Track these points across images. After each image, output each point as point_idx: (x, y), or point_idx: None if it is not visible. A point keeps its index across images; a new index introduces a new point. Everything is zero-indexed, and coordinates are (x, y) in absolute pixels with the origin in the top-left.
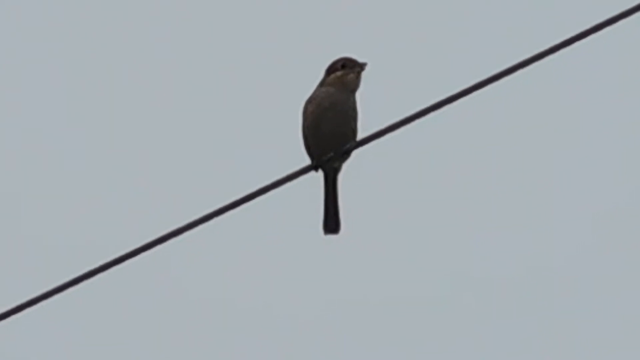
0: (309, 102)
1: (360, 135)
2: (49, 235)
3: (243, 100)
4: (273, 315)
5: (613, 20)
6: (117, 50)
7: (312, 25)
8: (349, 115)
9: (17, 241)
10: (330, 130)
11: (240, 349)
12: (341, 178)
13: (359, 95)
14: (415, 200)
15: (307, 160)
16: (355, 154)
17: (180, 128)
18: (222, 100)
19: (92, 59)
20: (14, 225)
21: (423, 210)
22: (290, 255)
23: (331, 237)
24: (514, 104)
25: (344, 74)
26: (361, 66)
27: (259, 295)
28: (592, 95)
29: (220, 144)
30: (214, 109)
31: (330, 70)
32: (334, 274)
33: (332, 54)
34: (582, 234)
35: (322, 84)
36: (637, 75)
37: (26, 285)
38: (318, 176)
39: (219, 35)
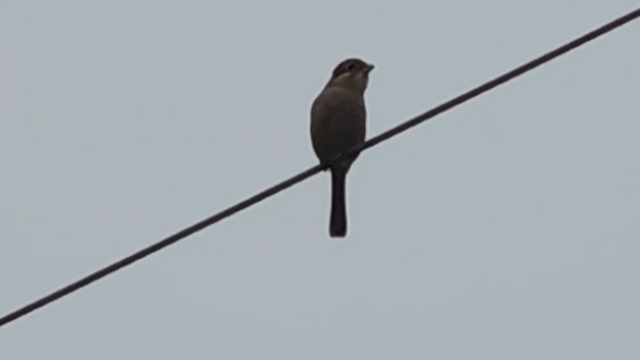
0: (316, 102)
1: (369, 135)
2: (42, 243)
3: (250, 100)
4: (275, 321)
5: (618, 22)
6: (128, 51)
7: (321, 26)
8: (357, 115)
9: (12, 249)
10: (338, 130)
11: (243, 354)
12: (349, 179)
13: (367, 95)
14: (423, 203)
15: (315, 161)
16: (363, 154)
17: (187, 129)
18: (229, 101)
19: (91, 59)
20: (8, 232)
21: (431, 213)
22: (295, 259)
23: (337, 240)
24: (526, 105)
25: (352, 75)
26: (368, 67)
27: (260, 300)
28: (603, 98)
29: (227, 146)
30: (221, 110)
31: (338, 71)
32: (339, 278)
33: (340, 55)
34: (587, 243)
35: (329, 84)
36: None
37: (18, 292)
38: (325, 177)
39: (228, 35)
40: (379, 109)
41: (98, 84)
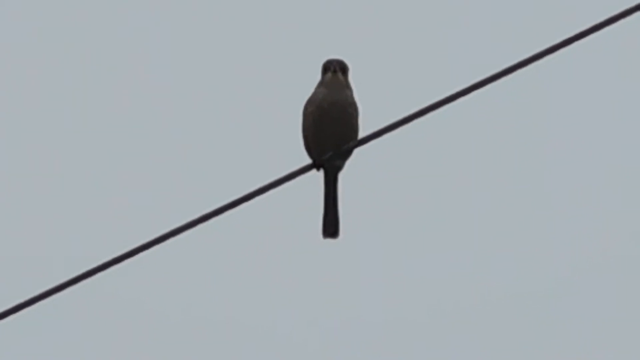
0: (308, 103)
1: (362, 133)
2: (32, 243)
3: (243, 99)
4: (267, 322)
5: (613, 19)
6: (115, 50)
7: (314, 23)
8: (349, 114)
9: None
10: (331, 130)
11: (234, 355)
12: (341, 179)
13: (360, 93)
14: (417, 202)
15: (307, 160)
16: (356, 154)
17: (180, 128)
18: (221, 100)
19: (85, 57)
20: None
21: (425, 213)
22: (287, 259)
23: (330, 241)
24: (524, 103)
25: (334, 74)
26: (334, 66)
27: (251, 301)
28: (602, 96)
29: (219, 145)
30: (213, 109)
31: (323, 70)
32: (332, 279)
33: (333, 53)
34: (587, 244)
35: (320, 83)
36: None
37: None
38: (318, 177)
39: (219, 34)
40: (373, 106)
41: (90, 83)
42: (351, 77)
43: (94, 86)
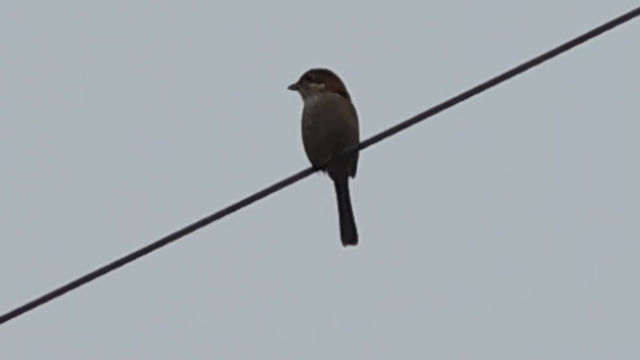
0: (303, 112)
1: (363, 137)
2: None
3: (250, 102)
4: (284, 333)
5: (615, 22)
6: (118, 52)
7: (320, 24)
8: (344, 119)
9: None
10: (328, 135)
11: None
12: (356, 186)
13: (362, 96)
14: (433, 207)
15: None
16: (367, 160)
17: (186, 132)
18: (226, 103)
19: (88, 59)
20: None
21: (442, 217)
22: (308, 267)
23: (350, 248)
24: (534, 106)
25: (303, 91)
26: (299, 83)
27: (269, 313)
28: (601, 97)
29: (221, 149)
30: (221, 112)
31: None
32: (353, 286)
33: (337, 57)
34: (594, 249)
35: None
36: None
37: None
38: (330, 186)
39: (225, 37)
40: (379, 111)
41: (93, 85)
42: (346, 83)
43: (97, 88)
